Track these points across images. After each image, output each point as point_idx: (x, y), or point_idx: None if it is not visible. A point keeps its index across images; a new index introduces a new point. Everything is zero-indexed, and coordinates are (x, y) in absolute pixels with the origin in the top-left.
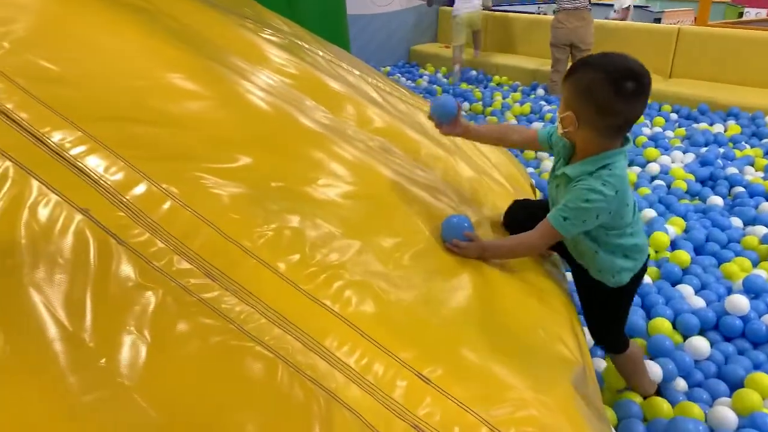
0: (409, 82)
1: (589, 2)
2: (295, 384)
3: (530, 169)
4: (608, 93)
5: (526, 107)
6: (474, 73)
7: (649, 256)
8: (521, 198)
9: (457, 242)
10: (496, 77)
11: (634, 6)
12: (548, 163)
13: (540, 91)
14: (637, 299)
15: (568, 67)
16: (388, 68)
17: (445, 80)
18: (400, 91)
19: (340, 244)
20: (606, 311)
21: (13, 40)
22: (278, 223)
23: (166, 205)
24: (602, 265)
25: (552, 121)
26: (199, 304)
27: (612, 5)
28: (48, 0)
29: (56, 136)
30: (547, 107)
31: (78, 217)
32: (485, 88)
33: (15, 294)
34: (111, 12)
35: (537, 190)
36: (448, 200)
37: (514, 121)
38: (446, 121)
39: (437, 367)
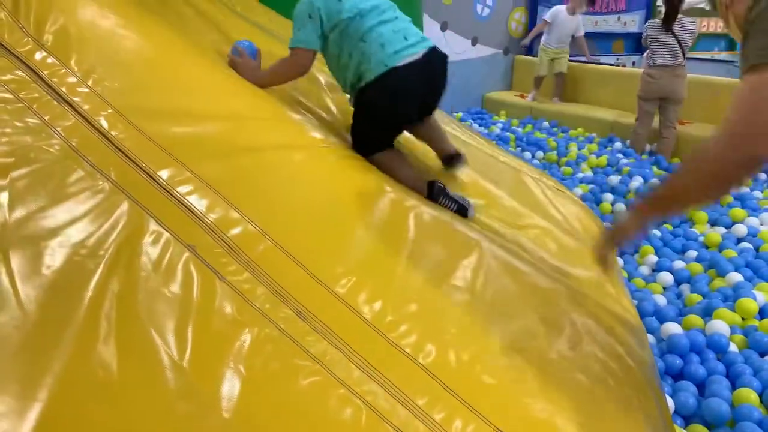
0: (482, 128)
1: (684, 58)
2: (379, 431)
3: (607, 224)
4: None
5: (603, 159)
6: (546, 123)
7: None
8: None
9: (234, 59)
10: (573, 131)
11: (721, 60)
12: None
13: (617, 144)
14: (721, 368)
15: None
16: (461, 114)
17: (519, 129)
18: (477, 140)
19: (421, 294)
20: None
21: (125, 82)
22: (363, 269)
23: (263, 245)
24: None
25: (630, 174)
26: (292, 344)
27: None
28: (152, 45)
29: (165, 174)
30: (624, 160)
31: (186, 253)
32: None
33: (130, 320)
34: (201, 56)
35: None
36: (526, 255)
37: (589, 174)
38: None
39: (518, 424)
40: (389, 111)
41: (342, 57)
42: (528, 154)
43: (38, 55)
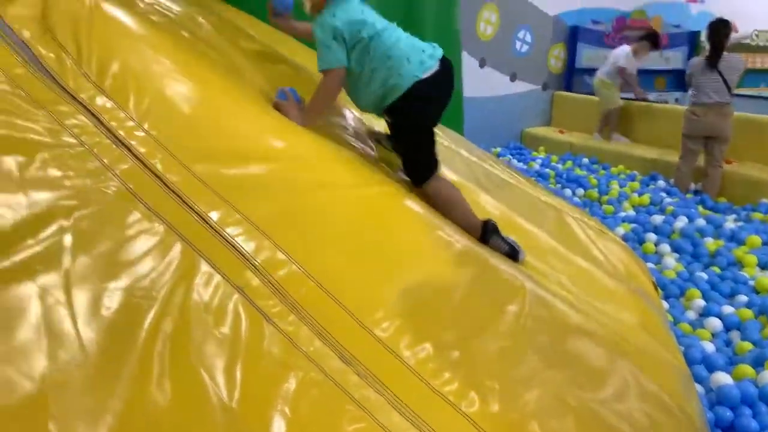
0: (521, 164)
1: (730, 95)
2: None
3: (650, 265)
4: None
5: (645, 198)
6: (586, 160)
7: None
8: (643, 298)
9: (280, 102)
10: (614, 168)
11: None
12: (670, 259)
13: (661, 183)
14: None
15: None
16: (498, 149)
17: (558, 165)
18: (518, 179)
19: (465, 340)
20: None
21: (178, 125)
22: (406, 313)
23: (307, 287)
24: None
25: (674, 214)
26: (336, 388)
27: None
28: (203, 88)
29: (216, 216)
30: (668, 199)
31: (235, 294)
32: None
33: (182, 360)
34: (248, 96)
35: (659, 289)
36: (571, 297)
37: (631, 212)
38: (282, 12)
39: None
40: (425, 114)
41: (364, 74)
42: (568, 191)
43: (99, 101)
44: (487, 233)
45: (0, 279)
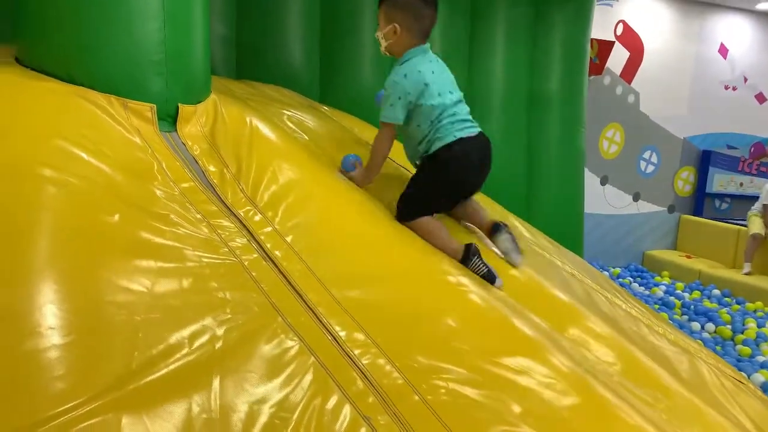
0: (642, 288)
1: None
2: None
3: None
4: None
5: None
6: (717, 291)
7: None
8: None
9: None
10: (749, 304)
11: None
12: None
13: None
14: None
15: None
16: (618, 270)
17: (685, 294)
18: (646, 315)
19: None
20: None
21: (313, 242)
22: None
23: (429, 419)
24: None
25: None
26: None
27: None
28: (334, 205)
29: (346, 337)
30: None
31: (363, 427)
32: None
33: None
34: (372, 211)
35: None
36: None
37: None
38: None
39: None
40: (457, 171)
41: (417, 130)
42: (696, 326)
43: (251, 215)
44: (468, 255)
45: (157, 387)
